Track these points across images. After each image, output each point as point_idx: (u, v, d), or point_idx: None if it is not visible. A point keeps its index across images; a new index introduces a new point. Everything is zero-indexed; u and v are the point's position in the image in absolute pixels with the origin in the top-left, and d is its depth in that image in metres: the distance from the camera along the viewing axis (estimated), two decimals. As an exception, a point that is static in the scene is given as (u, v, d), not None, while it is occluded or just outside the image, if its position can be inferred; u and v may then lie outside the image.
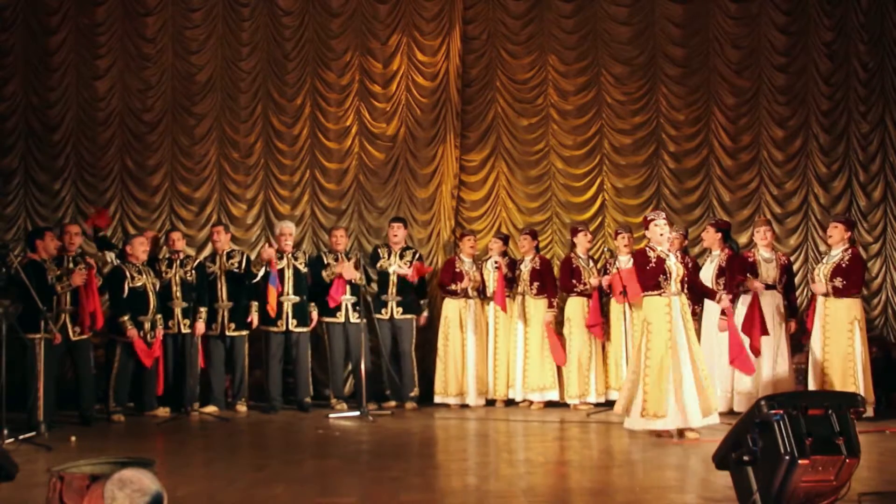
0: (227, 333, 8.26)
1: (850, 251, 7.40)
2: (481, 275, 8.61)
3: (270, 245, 8.44)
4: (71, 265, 7.43)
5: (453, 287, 8.46)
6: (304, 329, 8.40)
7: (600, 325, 8.14)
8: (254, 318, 8.27)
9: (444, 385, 8.46)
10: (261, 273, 8.13)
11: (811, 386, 7.37)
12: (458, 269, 8.53)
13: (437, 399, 8.49)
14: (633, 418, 6.56)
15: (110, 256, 7.97)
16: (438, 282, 8.77)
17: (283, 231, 8.49)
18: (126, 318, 7.74)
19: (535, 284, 8.36)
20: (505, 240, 8.87)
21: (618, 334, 8.11)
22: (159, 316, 7.99)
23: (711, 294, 7.15)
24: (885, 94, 9.67)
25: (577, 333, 8.21)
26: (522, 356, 8.35)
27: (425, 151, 9.64)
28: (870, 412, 7.03)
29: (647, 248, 6.66)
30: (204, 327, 8.12)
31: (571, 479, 5.30)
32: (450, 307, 8.53)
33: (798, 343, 8.12)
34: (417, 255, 8.74)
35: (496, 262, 8.55)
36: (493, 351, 8.47)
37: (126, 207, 9.55)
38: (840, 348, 7.23)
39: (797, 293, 8.45)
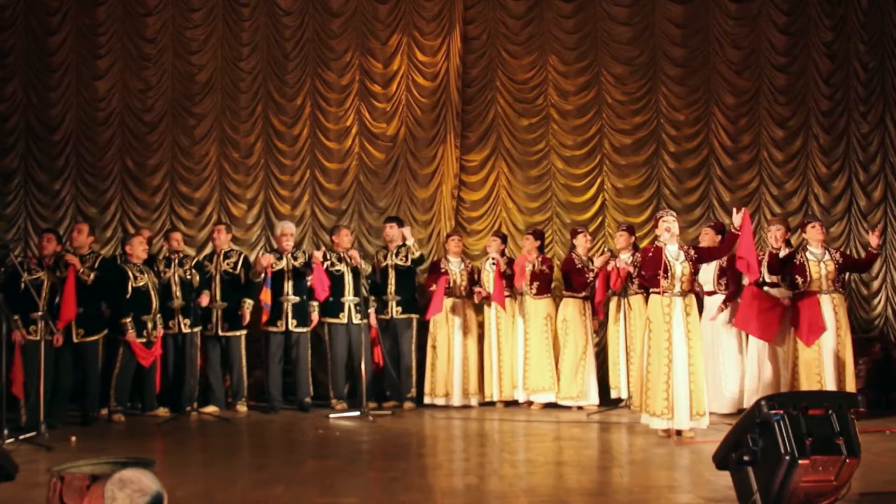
0: (221, 333, 8.22)
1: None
2: (472, 275, 8.56)
3: (268, 251, 8.43)
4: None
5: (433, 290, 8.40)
6: (304, 329, 8.37)
7: (602, 302, 8.11)
8: (245, 314, 8.19)
9: (433, 385, 8.41)
10: (260, 280, 8.14)
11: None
12: (443, 269, 8.47)
13: (426, 400, 8.40)
14: (643, 415, 6.64)
15: None
16: (425, 285, 8.61)
17: (284, 231, 8.47)
18: (128, 319, 7.71)
19: (535, 284, 8.27)
20: (503, 239, 8.81)
21: (616, 335, 8.11)
22: (159, 315, 7.98)
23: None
24: (885, 94, 9.66)
25: (573, 334, 8.18)
26: (522, 357, 8.32)
27: (425, 151, 9.64)
28: None
29: (652, 245, 6.72)
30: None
31: (571, 479, 5.29)
32: None
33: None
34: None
35: (493, 260, 8.48)
36: (497, 352, 8.42)
37: (126, 207, 9.57)
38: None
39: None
